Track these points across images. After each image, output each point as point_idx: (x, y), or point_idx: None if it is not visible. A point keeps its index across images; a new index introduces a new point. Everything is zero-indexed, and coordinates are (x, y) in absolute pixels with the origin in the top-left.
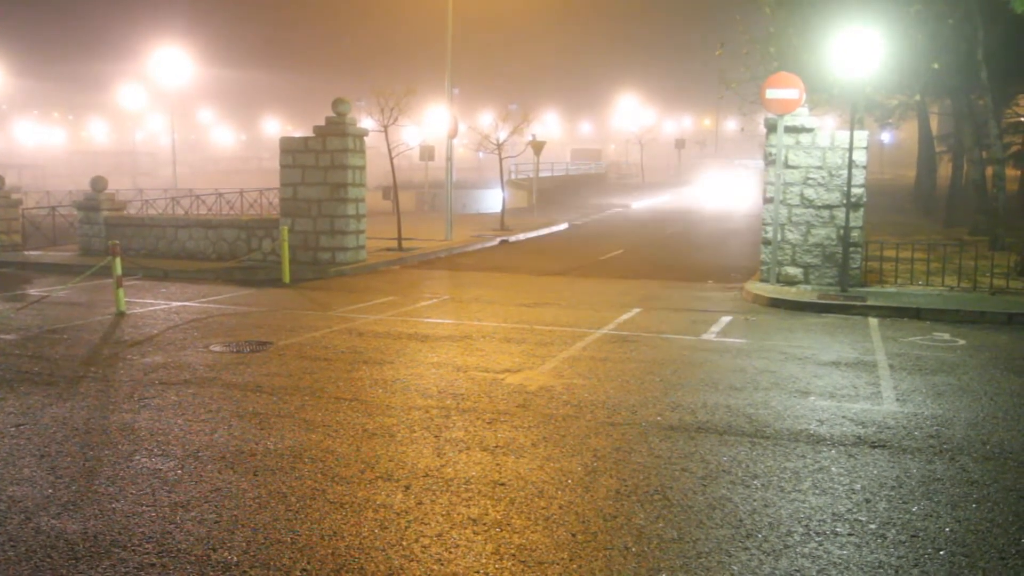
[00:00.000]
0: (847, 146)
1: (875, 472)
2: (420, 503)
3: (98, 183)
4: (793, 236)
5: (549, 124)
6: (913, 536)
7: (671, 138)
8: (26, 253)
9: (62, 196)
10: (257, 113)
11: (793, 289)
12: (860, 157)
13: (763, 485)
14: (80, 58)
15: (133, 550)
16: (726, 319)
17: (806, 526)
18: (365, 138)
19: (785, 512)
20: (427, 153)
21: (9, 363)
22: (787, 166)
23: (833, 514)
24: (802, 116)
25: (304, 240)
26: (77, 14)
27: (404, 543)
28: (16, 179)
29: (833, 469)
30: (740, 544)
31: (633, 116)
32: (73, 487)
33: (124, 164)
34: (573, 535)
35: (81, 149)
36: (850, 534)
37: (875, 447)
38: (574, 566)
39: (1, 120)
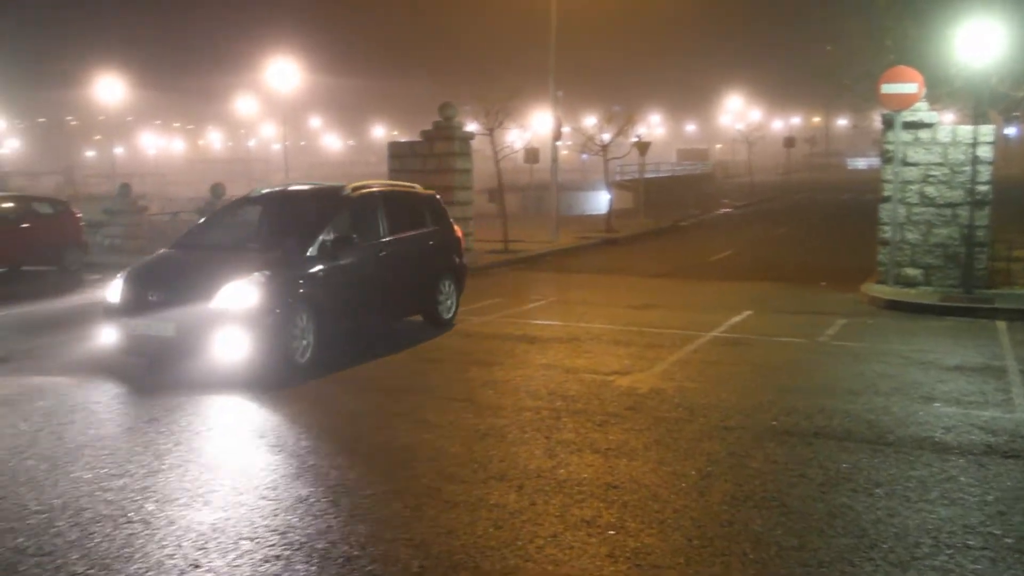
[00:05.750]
0: (970, 141)
1: (1009, 483)
2: (533, 504)
3: (217, 189)
4: (912, 236)
5: (653, 124)
6: None
7: (779, 136)
8: None
9: (183, 202)
10: (364, 118)
11: (913, 291)
12: (985, 153)
13: (886, 494)
14: (200, 71)
15: (258, 541)
16: (841, 322)
17: (935, 538)
18: (471, 141)
19: (912, 523)
20: (531, 156)
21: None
22: (905, 163)
23: (964, 526)
24: (921, 111)
25: None
26: (198, 29)
27: (519, 543)
28: (140, 186)
29: (962, 479)
30: (864, 554)
31: (740, 115)
32: (204, 477)
33: (238, 170)
34: (689, 540)
35: (198, 157)
36: (983, 548)
37: (1008, 457)
38: (691, 571)
39: (128, 130)
